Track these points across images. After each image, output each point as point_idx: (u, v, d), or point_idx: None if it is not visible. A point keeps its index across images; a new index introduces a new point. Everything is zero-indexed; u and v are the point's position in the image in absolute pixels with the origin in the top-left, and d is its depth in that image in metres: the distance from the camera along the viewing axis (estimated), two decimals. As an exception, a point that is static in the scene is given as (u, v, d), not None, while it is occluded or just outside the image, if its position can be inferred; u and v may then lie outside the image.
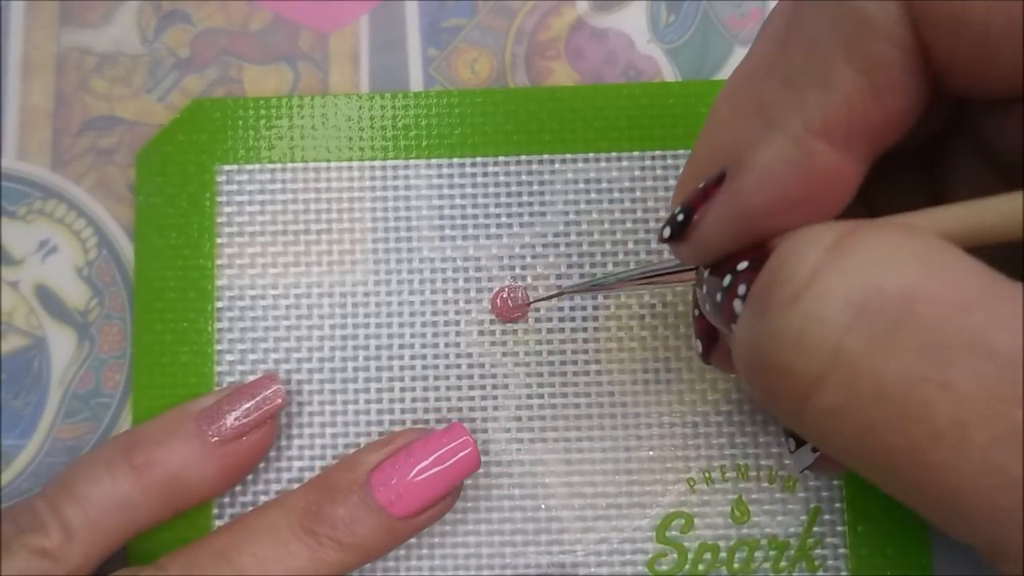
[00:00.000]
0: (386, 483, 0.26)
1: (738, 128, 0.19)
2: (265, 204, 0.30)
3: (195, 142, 0.31)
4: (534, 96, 0.31)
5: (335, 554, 0.25)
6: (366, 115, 0.31)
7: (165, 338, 0.30)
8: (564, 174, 0.30)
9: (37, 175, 0.32)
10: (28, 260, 0.31)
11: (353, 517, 0.25)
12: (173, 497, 0.26)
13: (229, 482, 0.27)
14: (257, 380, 0.28)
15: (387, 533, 0.25)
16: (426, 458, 0.26)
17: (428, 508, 0.26)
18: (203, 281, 0.30)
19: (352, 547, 0.25)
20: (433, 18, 0.33)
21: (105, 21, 0.33)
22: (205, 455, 0.26)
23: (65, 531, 0.25)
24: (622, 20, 0.33)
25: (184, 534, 0.28)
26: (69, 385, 0.30)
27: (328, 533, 0.25)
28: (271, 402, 0.27)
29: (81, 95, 0.32)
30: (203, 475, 0.26)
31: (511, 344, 0.30)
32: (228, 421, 0.27)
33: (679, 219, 0.19)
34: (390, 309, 0.30)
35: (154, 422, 0.27)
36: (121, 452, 0.26)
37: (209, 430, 0.26)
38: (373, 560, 0.26)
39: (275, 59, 0.32)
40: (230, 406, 0.27)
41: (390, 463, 0.26)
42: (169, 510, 0.26)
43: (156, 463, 0.26)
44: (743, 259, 0.18)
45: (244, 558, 0.25)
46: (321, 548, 0.25)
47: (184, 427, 0.26)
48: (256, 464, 0.28)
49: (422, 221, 0.30)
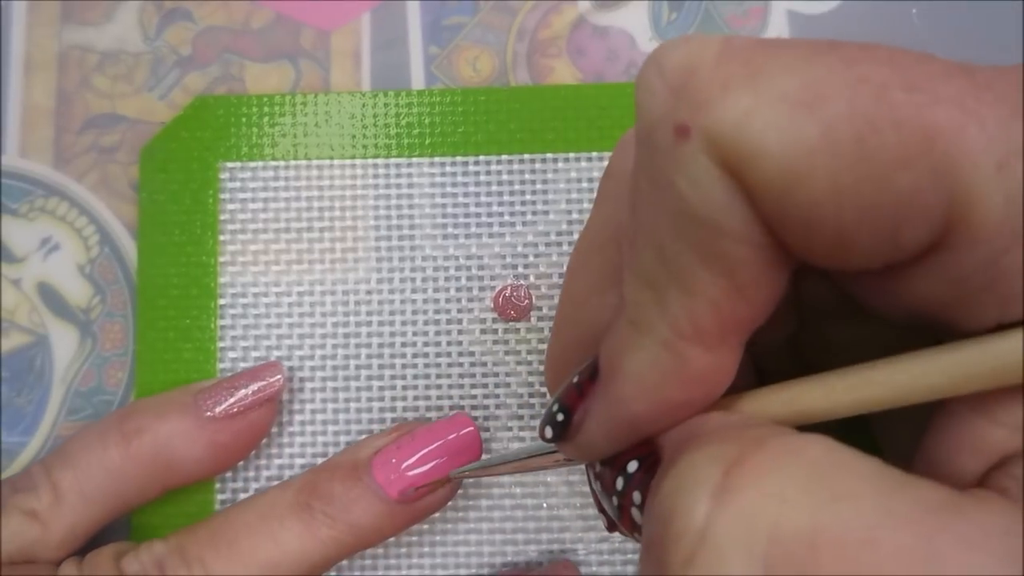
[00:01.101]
0: (386, 463, 0.25)
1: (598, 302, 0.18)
2: (268, 201, 0.30)
3: (198, 139, 0.31)
4: (537, 95, 0.31)
5: (328, 531, 0.25)
6: (369, 113, 0.31)
7: (168, 335, 0.30)
8: (567, 173, 0.30)
9: (39, 173, 0.32)
10: (30, 258, 0.31)
11: (349, 495, 0.25)
12: (160, 469, 0.26)
13: (218, 462, 0.27)
14: (261, 365, 0.28)
15: (383, 515, 0.25)
16: (429, 444, 0.26)
17: (427, 492, 0.26)
18: (206, 278, 0.30)
19: (346, 525, 0.25)
20: (435, 16, 0.33)
21: (107, 19, 0.33)
22: (196, 429, 0.26)
23: (55, 494, 0.25)
24: (623, 18, 0.33)
25: (187, 508, 0.29)
26: (71, 383, 0.30)
27: (323, 509, 0.25)
28: (271, 386, 0.27)
29: (83, 93, 0.32)
30: (192, 450, 0.26)
31: (513, 342, 0.30)
32: (224, 398, 0.27)
33: (559, 419, 0.18)
34: (392, 307, 0.30)
35: (155, 396, 0.27)
36: (115, 420, 0.26)
37: (204, 405, 0.26)
38: (369, 546, 0.26)
39: (277, 57, 0.32)
40: (230, 384, 0.27)
41: (393, 446, 0.26)
42: (157, 485, 0.26)
43: (145, 430, 0.26)
44: (631, 457, 0.17)
45: (237, 528, 0.25)
46: (314, 523, 0.25)
47: (181, 400, 0.27)
48: (249, 449, 0.28)
49: (425, 219, 0.30)
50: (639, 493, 0.16)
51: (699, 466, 0.14)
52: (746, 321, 0.15)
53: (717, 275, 0.15)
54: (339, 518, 0.25)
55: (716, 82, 0.14)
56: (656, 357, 0.16)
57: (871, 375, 0.15)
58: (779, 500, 0.13)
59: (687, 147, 0.14)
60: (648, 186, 0.15)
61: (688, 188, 0.14)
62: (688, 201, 0.14)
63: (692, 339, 0.15)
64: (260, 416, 0.27)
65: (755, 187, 0.14)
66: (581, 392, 0.18)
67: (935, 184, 0.13)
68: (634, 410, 0.16)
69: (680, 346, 0.15)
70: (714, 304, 0.15)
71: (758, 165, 0.13)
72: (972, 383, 0.14)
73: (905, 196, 0.13)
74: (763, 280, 0.15)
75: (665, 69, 0.14)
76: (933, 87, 0.13)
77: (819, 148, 0.13)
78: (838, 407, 0.16)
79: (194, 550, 0.24)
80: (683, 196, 0.14)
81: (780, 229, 0.14)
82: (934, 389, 0.15)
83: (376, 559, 0.29)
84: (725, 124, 0.14)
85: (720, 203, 0.14)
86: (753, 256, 0.15)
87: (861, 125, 0.13)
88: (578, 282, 0.19)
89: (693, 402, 0.16)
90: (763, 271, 0.15)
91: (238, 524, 0.25)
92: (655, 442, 0.17)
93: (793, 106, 0.13)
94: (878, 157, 0.13)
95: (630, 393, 0.16)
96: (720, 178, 0.14)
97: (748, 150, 0.13)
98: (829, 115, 0.13)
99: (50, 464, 0.26)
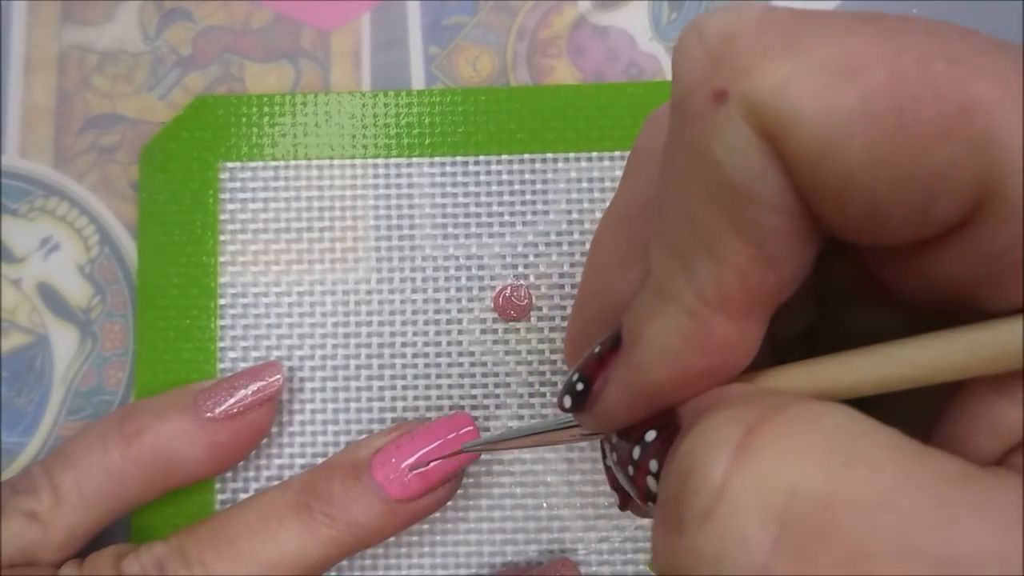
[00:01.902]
0: (386, 463, 0.25)
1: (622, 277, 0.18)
2: (268, 201, 0.30)
3: (199, 139, 0.31)
4: (537, 95, 0.31)
5: (327, 530, 0.25)
6: (369, 113, 0.31)
7: (168, 335, 0.30)
8: (567, 172, 0.30)
9: (39, 173, 0.32)
10: (30, 258, 0.31)
11: (349, 494, 0.25)
12: (160, 470, 0.26)
13: (219, 462, 0.27)
14: (261, 365, 0.28)
15: (383, 514, 0.25)
16: (429, 443, 0.26)
17: (427, 492, 0.26)
18: (206, 278, 0.30)
19: (345, 525, 0.25)
20: (435, 16, 0.33)
21: (107, 19, 0.33)
22: (196, 430, 0.26)
23: (55, 495, 0.25)
24: (623, 18, 0.33)
25: (188, 508, 0.29)
26: (71, 383, 0.30)
27: (322, 508, 0.25)
28: (270, 386, 0.27)
29: (83, 93, 0.32)
30: (192, 450, 0.26)
31: (513, 342, 0.30)
32: (224, 398, 0.27)
33: (578, 388, 0.18)
34: (393, 307, 0.30)
35: (155, 396, 0.27)
36: (115, 421, 0.26)
37: (204, 406, 0.26)
38: (368, 545, 0.26)
39: (277, 57, 0.32)
40: (230, 384, 0.27)
41: (392, 445, 0.26)
42: (158, 485, 0.26)
43: (145, 431, 0.26)
44: (650, 427, 0.17)
45: (237, 528, 0.25)
46: (313, 522, 0.25)
47: (181, 400, 0.27)
48: (248, 449, 0.28)
49: (425, 219, 0.30)
50: (656, 461, 0.16)
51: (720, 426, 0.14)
52: (772, 293, 0.15)
53: (747, 243, 0.15)
54: (338, 518, 0.25)
55: (756, 49, 0.14)
56: (679, 324, 0.16)
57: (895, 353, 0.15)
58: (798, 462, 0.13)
59: (725, 112, 0.14)
60: (682, 153, 0.15)
61: (723, 153, 0.14)
62: (723, 167, 0.14)
63: (717, 307, 0.15)
64: (260, 416, 0.27)
65: (791, 154, 0.14)
66: (602, 361, 0.18)
67: (971, 158, 0.13)
68: (655, 378, 0.16)
69: (705, 314, 0.15)
70: (742, 272, 0.15)
71: (795, 131, 0.14)
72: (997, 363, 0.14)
73: (941, 169, 0.13)
74: (792, 252, 0.15)
75: (706, 36, 0.15)
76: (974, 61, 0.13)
77: (857, 116, 0.13)
78: (861, 384, 0.16)
79: (194, 551, 0.24)
80: (718, 161, 0.14)
81: (813, 199, 0.14)
82: (958, 368, 0.15)
83: (376, 559, 0.29)
84: (764, 90, 0.14)
85: (755, 170, 0.14)
86: (784, 226, 0.15)
87: (901, 95, 0.13)
88: (602, 256, 0.19)
89: (714, 372, 0.16)
90: (793, 242, 0.15)
91: (238, 524, 0.25)
92: (674, 412, 0.17)
93: (833, 74, 0.13)
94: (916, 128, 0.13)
95: (651, 360, 0.16)
96: (757, 144, 0.14)
97: (786, 116, 0.14)
98: (869, 84, 0.13)
99: (50, 465, 0.26)
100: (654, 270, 0.16)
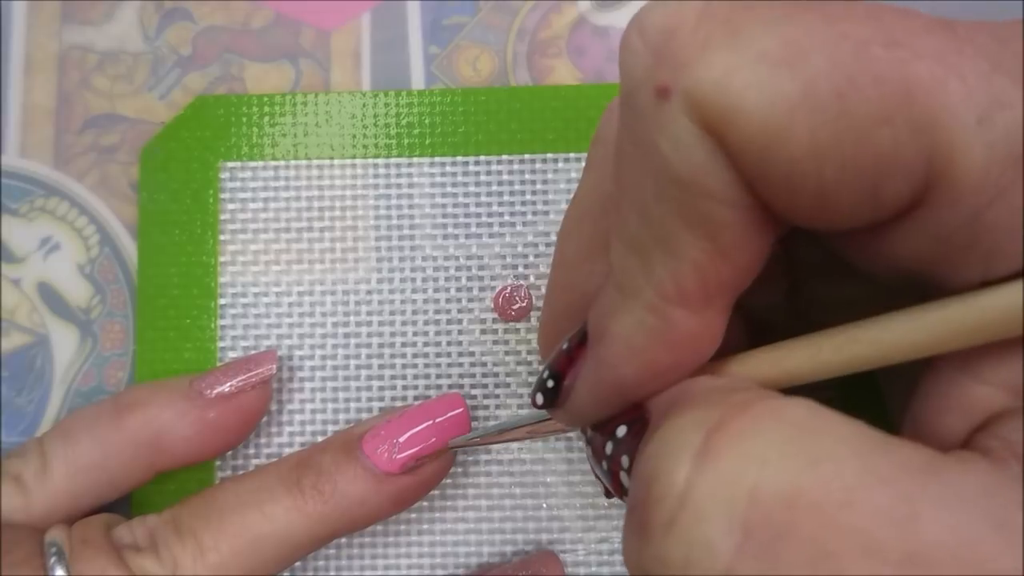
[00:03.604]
0: (375, 437, 0.26)
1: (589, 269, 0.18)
2: (268, 201, 0.30)
3: (199, 139, 0.31)
4: (538, 95, 0.31)
5: (315, 505, 0.25)
6: (369, 113, 0.31)
7: (168, 335, 0.30)
8: (567, 173, 0.30)
9: (39, 173, 0.32)
10: (30, 258, 0.31)
11: (338, 467, 0.25)
12: (147, 443, 0.26)
13: (208, 443, 0.27)
14: (256, 353, 0.28)
15: (372, 490, 0.25)
16: (420, 422, 0.26)
17: (414, 464, 0.26)
18: (206, 278, 0.30)
19: (334, 499, 0.25)
20: (435, 16, 0.33)
21: (107, 19, 0.33)
22: (186, 404, 0.26)
23: (42, 460, 0.25)
24: (624, 18, 0.33)
25: (188, 487, 0.29)
26: (72, 383, 0.30)
27: (312, 482, 0.25)
28: (264, 371, 0.27)
29: (83, 93, 0.32)
30: (180, 424, 0.26)
31: (513, 342, 0.30)
32: (218, 381, 0.27)
33: (549, 385, 0.18)
34: (393, 307, 0.30)
35: (154, 381, 0.28)
36: (112, 397, 0.27)
37: (198, 387, 0.27)
38: (357, 526, 0.26)
39: (277, 57, 0.32)
40: (225, 368, 0.27)
41: (384, 423, 0.26)
42: (145, 462, 0.26)
43: (137, 404, 0.26)
44: (621, 422, 0.17)
45: (229, 499, 0.25)
46: (302, 496, 0.25)
47: (177, 382, 0.27)
48: (240, 433, 0.27)
49: (425, 219, 0.30)
50: (627, 457, 0.16)
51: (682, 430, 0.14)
52: (730, 283, 0.15)
53: (700, 237, 0.15)
54: (327, 491, 0.25)
55: (696, 42, 0.14)
56: (642, 320, 0.16)
57: (856, 335, 0.15)
58: (759, 463, 0.13)
59: (668, 108, 0.14)
60: (631, 148, 0.15)
61: (670, 149, 0.14)
62: (670, 162, 0.14)
63: (677, 301, 0.15)
64: (252, 398, 0.27)
65: (736, 146, 0.14)
66: (571, 358, 0.18)
67: (915, 140, 0.13)
68: (622, 373, 0.16)
69: (665, 309, 0.15)
70: (697, 266, 0.15)
71: (738, 124, 0.13)
72: (956, 340, 0.14)
73: (885, 152, 0.13)
74: (746, 243, 0.15)
75: (646, 30, 0.15)
76: (913, 42, 0.13)
77: (799, 105, 0.13)
78: (826, 367, 0.16)
79: (188, 521, 0.24)
80: (665, 157, 0.14)
81: (762, 189, 0.14)
82: (918, 347, 0.15)
83: (376, 559, 0.29)
84: (705, 84, 0.14)
85: (701, 164, 0.14)
86: (735, 218, 0.15)
87: (841, 81, 0.13)
88: (568, 249, 0.19)
89: (680, 365, 0.16)
90: (746, 233, 0.15)
91: (231, 497, 0.25)
92: (644, 406, 0.17)
93: (773, 64, 0.13)
94: (858, 113, 0.13)
95: (617, 356, 0.16)
96: (701, 138, 0.14)
97: (728, 109, 0.13)
98: (809, 72, 0.13)
99: (45, 435, 0.26)
100: (614, 266, 0.16)
